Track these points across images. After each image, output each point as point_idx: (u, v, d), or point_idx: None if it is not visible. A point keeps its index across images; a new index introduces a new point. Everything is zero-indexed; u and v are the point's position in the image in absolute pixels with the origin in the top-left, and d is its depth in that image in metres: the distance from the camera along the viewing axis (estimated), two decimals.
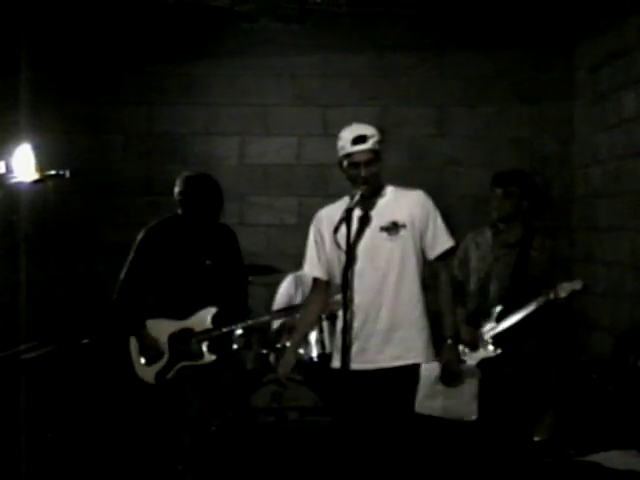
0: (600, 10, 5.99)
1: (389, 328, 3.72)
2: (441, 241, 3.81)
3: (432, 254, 3.82)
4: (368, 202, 3.78)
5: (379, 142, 3.78)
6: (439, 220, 3.82)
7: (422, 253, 3.81)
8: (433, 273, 3.87)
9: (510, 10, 6.32)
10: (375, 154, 3.76)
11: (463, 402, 4.02)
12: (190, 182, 4.46)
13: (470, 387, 4.05)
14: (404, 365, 3.71)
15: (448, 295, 3.86)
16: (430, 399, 3.96)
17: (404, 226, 3.74)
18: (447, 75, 6.61)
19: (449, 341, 3.79)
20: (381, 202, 3.81)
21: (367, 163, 3.74)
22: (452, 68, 6.60)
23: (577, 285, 4.36)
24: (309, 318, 4.11)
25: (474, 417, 4.06)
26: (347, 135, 3.78)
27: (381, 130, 3.85)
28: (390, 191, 3.85)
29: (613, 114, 5.81)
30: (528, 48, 6.56)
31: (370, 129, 3.79)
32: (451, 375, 3.87)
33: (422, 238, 3.79)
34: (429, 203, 3.83)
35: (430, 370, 3.82)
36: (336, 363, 3.75)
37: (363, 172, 3.74)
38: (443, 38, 6.58)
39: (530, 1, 6.24)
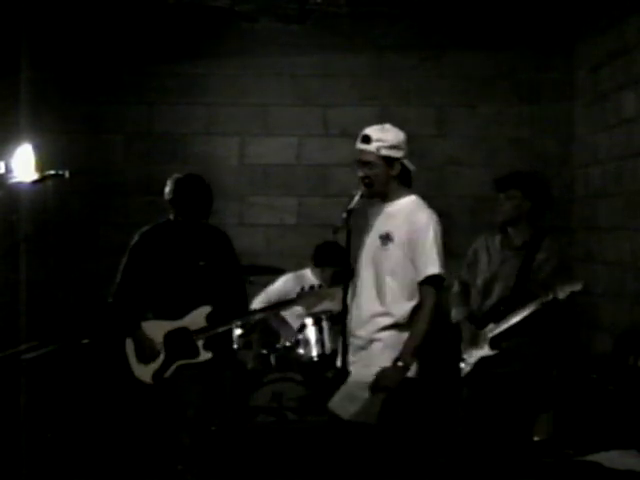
0: (600, 10, 5.99)
1: (362, 335, 3.71)
2: (424, 267, 3.65)
3: (417, 278, 3.69)
4: (379, 206, 3.77)
5: (389, 148, 3.67)
6: (428, 245, 3.64)
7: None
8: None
9: (510, 10, 6.32)
10: (379, 158, 3.67)
11: (373, 410, 3.86)
12: (180, 183, 4.48)
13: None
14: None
15: (422, 322, 3.65)
16: (348, 402, 3.79)
17: (392, 240, 3.68)
18: (447, 75, 6.61)
19: (398, 363, 3.61)
20: (387, 209, 3.77)
21: (364, 164, 3.72)
22: (452, 68, 6.60)
23: (577, 286, 4.32)
24: None
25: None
26: (362, 132, 3.74)
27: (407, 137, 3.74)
28: (405, 201, 3.76)
29: (613, 114, 5.80)
30: (528, 48, 6.56)
31: (382, 133, 3.70)
32: (379, 389, 3.65)
33: (412, 259, 3.68)
34: (424, 226, 3.67)
35: (361, 376, 3.71)
36: (337, 362, 3.80)
37: (359, 172, 3.74)
38: (443, 38, 6.58)
39: (530, 1, 6.24)
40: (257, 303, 5.47)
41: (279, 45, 6.59)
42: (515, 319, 4.36)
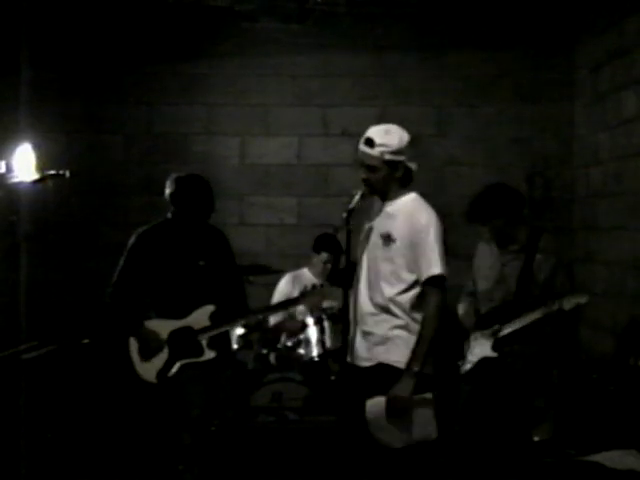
0: (600, 10, 5.99)
1: (364, 331, 3.76)
2: (427, 268, 3.66)
3: (420, 278, 3.71)
4: (379, 204, 3.80)
5: (393, 153, 3.66)
6: (430, 246, 3.65)
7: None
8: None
9: (510, 10, 6.32)
10: (383, 163, 3.67)
11: (418, 429, 3.80)
12: (181, 182, 4.47)
13: (423, 413, 3.71)
14: (371, 366, 3.74)
15: (429, 325, 3.65)
16: (385, 434, 3.75)
17: (394, 241, 3.70)
18: (447, 75, 6.61)
19: (406, 372, 3.62)
20: (388, 209, 3.79)
21: (367, 167, 3.72)
22: (452, 68, 6.60)
23: (582, 299, 4.35)
24: None
25: (434, 436, 3.88)
26: (366, 132, 3.73)
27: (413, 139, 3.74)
28: (404, 200, 3.77)
29: (613, 114, 5.80)
30: (528, 48, 6.56)
31: (386, 137, 3.67)
32: (396, 410, 3.64)
33: (414, 260, 3.69)
34: (425, 227, 3.68)
35: (376, 406, 3.67)
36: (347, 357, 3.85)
37: (362, 174, 3.75)
38: (443, 38, 6.57)
39: (530, 1, 6.24)
40: None
41: (279, 45, 6.58)
42: (520, 324, 4.37)
